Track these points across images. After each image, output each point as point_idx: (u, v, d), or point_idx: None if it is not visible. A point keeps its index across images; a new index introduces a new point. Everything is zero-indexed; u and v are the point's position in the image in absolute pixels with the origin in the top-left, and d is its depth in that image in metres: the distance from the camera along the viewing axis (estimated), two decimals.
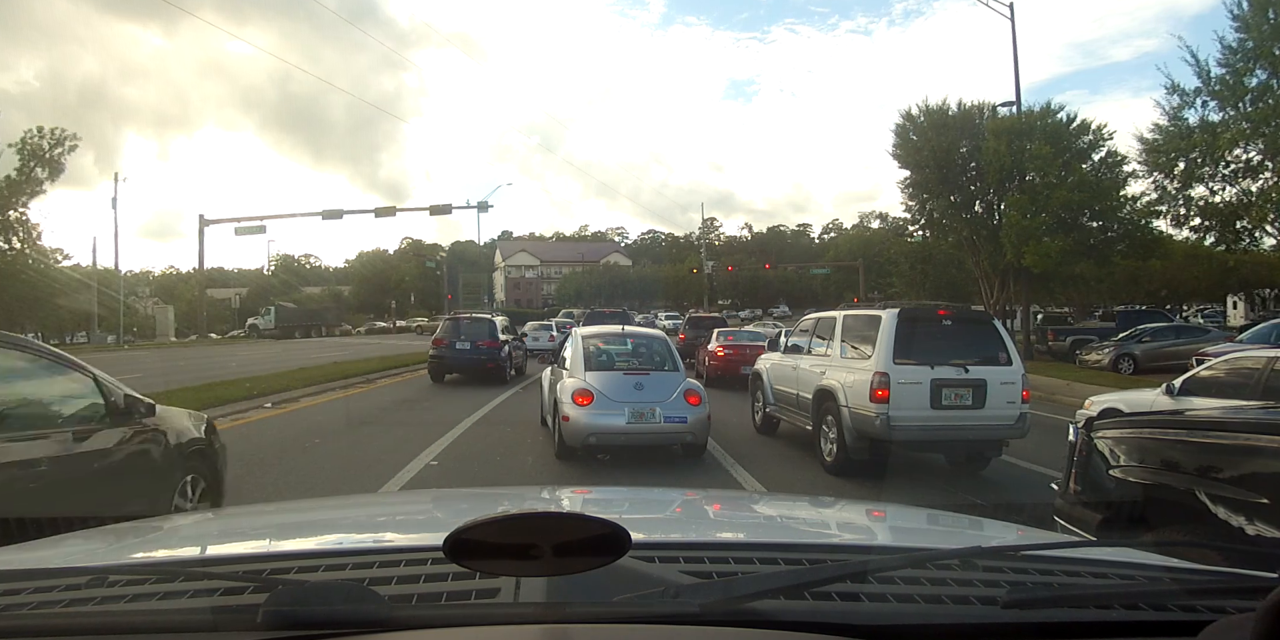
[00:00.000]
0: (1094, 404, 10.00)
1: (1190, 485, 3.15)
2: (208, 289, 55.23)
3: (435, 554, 1.05)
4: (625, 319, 22.69)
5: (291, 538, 1.86)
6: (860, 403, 7.70)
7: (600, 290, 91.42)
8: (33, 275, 38.31)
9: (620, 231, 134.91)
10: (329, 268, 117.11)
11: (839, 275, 74.69)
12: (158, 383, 14.54)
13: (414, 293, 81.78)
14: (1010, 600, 1.08)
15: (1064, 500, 3.81)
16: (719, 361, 17.32)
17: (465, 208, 42.56)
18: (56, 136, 36.91)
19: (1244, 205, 19.59)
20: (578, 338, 9.43)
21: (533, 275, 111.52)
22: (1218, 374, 8.69)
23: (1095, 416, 5.40)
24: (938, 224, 29.24)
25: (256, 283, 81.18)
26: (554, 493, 3.11)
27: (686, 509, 2.41)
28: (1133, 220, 24.45)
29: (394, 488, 7.03)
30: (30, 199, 37.22)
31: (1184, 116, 20.03)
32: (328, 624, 0.99)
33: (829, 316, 9.30)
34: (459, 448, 9.33)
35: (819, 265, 76.03)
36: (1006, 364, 7.88)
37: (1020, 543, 1.64)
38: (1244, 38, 18.44)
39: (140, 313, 56.50)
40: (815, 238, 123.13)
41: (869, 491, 7.30)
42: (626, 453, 8.38)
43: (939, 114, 27.30)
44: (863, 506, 2.74)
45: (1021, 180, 24.86)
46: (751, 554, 1.35)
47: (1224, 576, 1.35)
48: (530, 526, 0.96)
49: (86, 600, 1.14)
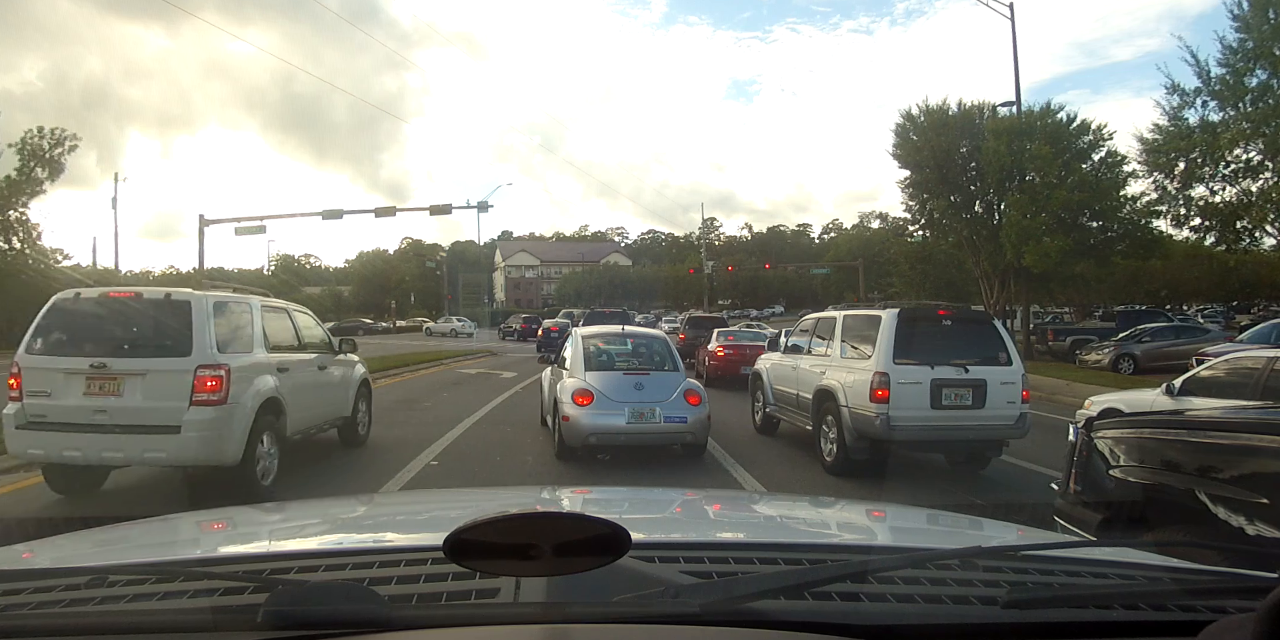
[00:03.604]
0: (1094, 404, 9.99)
1: (1190, 485, 3.15)
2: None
3: (435, 554, 1.05)
4: (625, 319, 22.70)
5: (291, 538, 1.86)
6: (860, 403, 7.70)
7: (600, 290, 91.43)
8: (33, 275, 38.28)
9: (620, 231, 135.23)
10: (329, 268, 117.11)
11: (839, 275, 74.59)
12: None
13: (414, 293, 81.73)
14: (1010, 600, 1.08)
15: (1064, 500, 3.81)
16: (719, 361, 17.30)
17: (465, 208, 42.43)
18: (56, 137, 36.92)
19: (1244, 205, 19.56)
20: (578, 338, 9.42)
21: (533, 275, 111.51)
22: (1218, 374, 8.69)
23: (1095, 416, 5.39)
24: (938, 224, 29.24)
25: (257, 283, 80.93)
26: (554, 493, 3.11)
27: (686, 509, 2.41)
28: (1133, 220, 24.46)
29: (394, 488, 7.03)
30: (30, 199, 37.25)
31: (1184, 116, 20.04)
32: (328, 624, 0.99)
33: (829, 317, 9.30)
34: (459, 448, 9.33)
35: (819, 265, 75.94)
36: (1006, 364, 7.88)
37: (1020, 543, 1.64)
38: (1244, 38, 18.42)
39: None
40: (815, 238, 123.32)
41: (869, 491, 7.30)
42: (626, 453, 8.37)
43: (939, 114, 27.31)
44: (863, 506, 2.74)
45: (1021, 180, 24.87)
46: (751, 554, 1.35)
47: (1224, 576, 1.35)
48: (530, 526, 0.96)
49: (86, 600, 1.13)
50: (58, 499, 6.58)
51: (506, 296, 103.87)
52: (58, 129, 37.08)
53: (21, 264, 37.64)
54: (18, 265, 37.19)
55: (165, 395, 6.12)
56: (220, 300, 6.78)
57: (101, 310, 6.51)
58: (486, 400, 14.09)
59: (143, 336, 6.41)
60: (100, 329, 6.43)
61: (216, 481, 6.36)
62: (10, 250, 37.47)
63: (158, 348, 6.31)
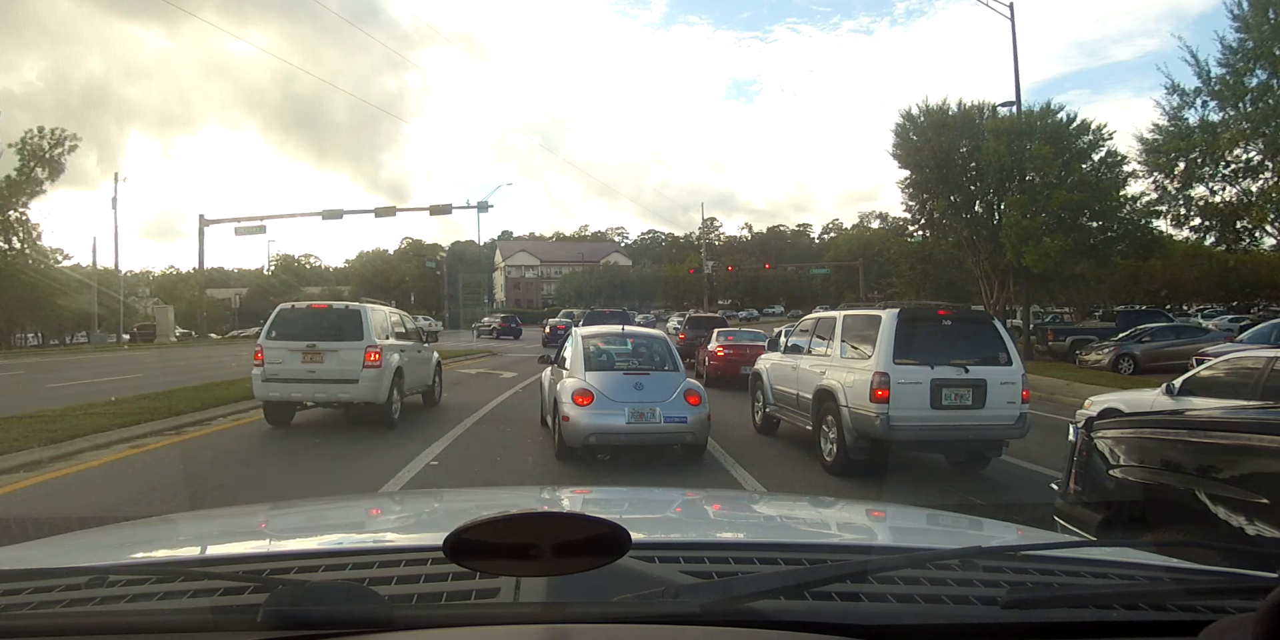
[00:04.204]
0: (1094, 404, 9.99)
1: (1190, 485, 3.15)
2: (207, 289, 55.15)
3: (435, 554, 1.05)
4: (625, 319, 22.67)
5: (291, 538, 1.86)
6: (860, 403, 7.70)
7: (600, 290, 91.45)
8: (33, 275, 38.36)
9: (620, 231, 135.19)
10: (329, 268, 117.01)
11: (839, 275, 74.63)
12: (158, 383, 14.57)
13: (414, 293, 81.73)
14: (1010, 600, 1.08)
15: (1064, 500, 3.81)
16: (719, 361, 17.30)
17: (465, 208, 42.50)
18: (56, 137, 36.99)
19: (1244, 205, 19.57)
20: (578, 338, 9.41)
21: (533, 275, 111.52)
22: (1218, 374, 8.69)
23: (1095, 416, 5.39)
24: (938, 224, 29.23)
25: (256, 283, 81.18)
26: (554, 493, 3.11)
27: (686, 509, 2.41)
28: (1133, 220, 24.46)
29: (394, 488, 7.03)
30: (30, 199, 37.30)
31: (1184, 116, 20.05)
32: (328, 624, 0.99)
33: (829, 317, 9.30)
34: (459, 448, 9.34)
35: (819, 265, 75.98)
36: (1006, 364, 7.87)
37: (1020, 543, 1.64)
38: (1244, 38, 18.43)
39: (140, 313, 56.45)
40: (815, 238, 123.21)
41: (869, 491, 7.29)
42: (626, 453, 8.37)
43: (939, 114, 27.30)
44: (863, 506, 2.73)
45: (1021, 180, 24.87)
46: (751, 554, 1.35)
47: (1224, 576, 1.35)
48: (530, 526, 0.96)
49: (86, 600, 1.13)
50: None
51: (506, 296, 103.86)
52: (58, 129, 37.23)
53: (21, 264, 37.69)
54: (18, 265, 37.22)
55: (349, 362, 10.54)
56: (372, 308, 11.25)
57: (307, 314, 11.08)
58: (487, 400, 14.09)
59: (334, 329, 10.75)
60: (309, 324, 10.86)
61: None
62: (10, 250, 37.49)
63: (342, 335, 10.67)
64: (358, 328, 10.66)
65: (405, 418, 11.23)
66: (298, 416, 11.29)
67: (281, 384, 10.49)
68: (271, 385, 10.52)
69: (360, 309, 10.87)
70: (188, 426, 10.72)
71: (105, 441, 9.17)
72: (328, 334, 10.64)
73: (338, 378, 10.45)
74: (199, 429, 10.66)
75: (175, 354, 32.35)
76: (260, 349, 10.65)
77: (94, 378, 18.63)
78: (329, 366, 10.48)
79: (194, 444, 9.64)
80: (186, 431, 10.42)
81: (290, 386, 10.51)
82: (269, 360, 10.51)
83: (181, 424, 10.77)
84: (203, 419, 11.34)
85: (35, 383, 18.02)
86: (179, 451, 9.09)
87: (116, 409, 11.40)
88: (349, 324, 10.68)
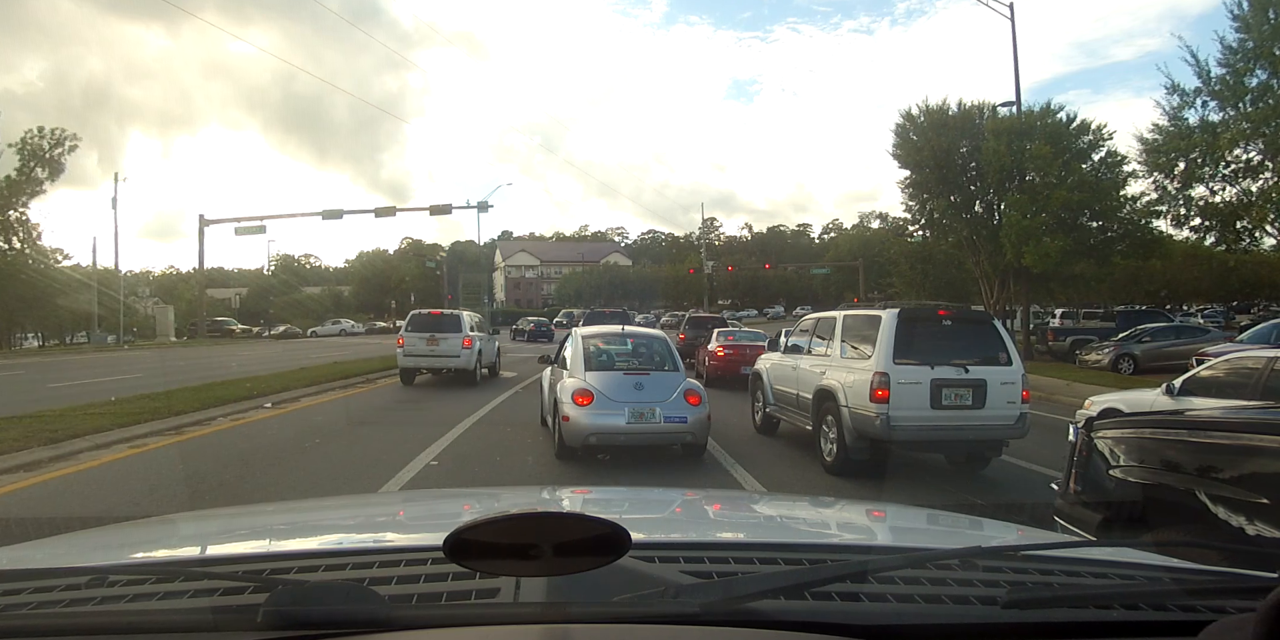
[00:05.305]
0: (1094, 404, 9.99)
1: (1190, 485, 3.15)
2: (208, 289, 55.14)
3: (435, 554, 1.05)
4: (625, 319, 22.68)
5: (291, 538, 1.86)
6: (860, 403, 7.69)
7: (600, 290, 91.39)
8: (33, 275, 38.34)
9: (620, 231, 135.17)
10: (329, 268, 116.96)
11: (839, 275, 74.61)
12: (157, 383, 14.57)
13: (414, 293, 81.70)
14: (1010, 600, 1.08)
15: (1064, 500, 3.81)
16: (719, 361, 17.30)
17: (465, 208, 42.54)
18: (57, 137, 36.99)
19: (1244, 205, 19.56)
20: (578, 338, 9.41)
21: (533, 275, 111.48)
22: (1218, 374, 8.69)
23: (1095, 416, 5.39)
24: (938, 224, 29.20)
25: (256, 283, 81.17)
26: (554, 493, 3.11)
27: (686, 509, 2.41)
28: (1133, 220, 24.44)
29: (394, 488, 7.03)
30: (30, 199, 37.29)
31: (1184, 116, 20.03)
32: (328, 624, 0.99)
33: (829, 317, 9.29)
34: (459, 448, 9.33)
35: (819, 265, 75.96)
36: (1006, 364, 7.87)
37: (1020, 543, 1.64)
38: (1244, 38, 18.42)
39: (140, 313, 56.44)
40: (815, 238, 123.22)
41: (869, 491, 7.29)
42: (626, 453, 8.37)
43: (939, 114, 27.28)
44: (863, 506, 2.73)
45: (1021, 180, 24.86)
46: (751, 554, 1.35)
47: (1224, 576, 1.35)
48: (530, 526, 0.96)
49: (86, 600, 1.13)
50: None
51: (506, 296, 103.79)
52: (58, 129, 37.23)
53: (21, 264, 37.67)
54: (18, 265, 37.21)
55: (454, 345, 17.00)
56: (465, 314, 18.27)
57: (428, 316, 17.94)
58: (487, 400, 14.10)
59: (444, 325, 17.31)
60: (429, 322, 17.50)
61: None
62: (10, 250, 37.48)
63: (449, 329, 17.16)
64: (458, 325, 17.29)
65: (412, 416, 11.22)
66: (298, 420, 11.38)
67: (414, 358, 17.23)
68: (409, 359, 17.30)
69: (459, 314, 18.07)
70: (188, 426, 10.72)
71: (105, 441, 9.17)
72: (441, 328, 17.17)
73: (446, 354, 16.98)
74: (199, 429, 10.66)
75: (175, 354, 32.34)
76: (401, 337, 17.64)
77: (94, 377, 18.64)
78: (441, 348, 16.95)
79: (194, 444, 9.64)
80: (186, 431, 10.42)
81: (420, 359, 17.24)
82: (408, 343, 17.18)
83: (181, 424, 10.77)
84: (203, 419, 11.33)
85: (35, 383, 18.04)
86: (179, 451, 9.09)
87: (116, 409, 11.41)
88: (452, 322, 17.40)
